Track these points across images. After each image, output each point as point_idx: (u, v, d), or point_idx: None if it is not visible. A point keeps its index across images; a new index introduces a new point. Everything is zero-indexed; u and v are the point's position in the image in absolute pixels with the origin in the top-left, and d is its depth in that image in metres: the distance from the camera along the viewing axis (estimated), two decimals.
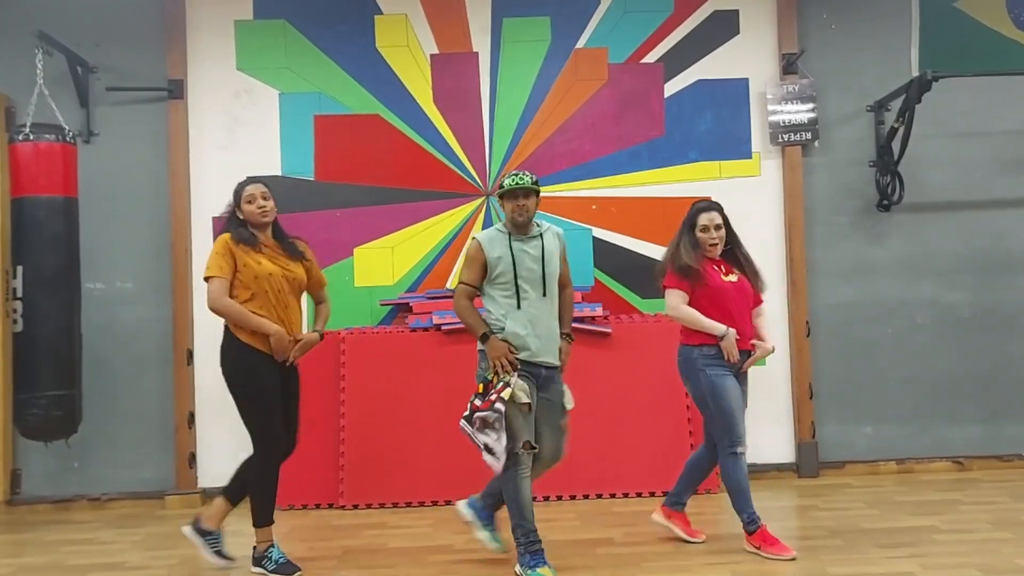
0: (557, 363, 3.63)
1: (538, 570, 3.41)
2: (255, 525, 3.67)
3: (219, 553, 3.73)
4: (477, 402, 3.51)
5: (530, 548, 3.47)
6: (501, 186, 3.63)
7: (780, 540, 3.63)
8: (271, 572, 3.60)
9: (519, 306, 3.57)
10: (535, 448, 3.51)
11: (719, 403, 3.66)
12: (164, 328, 5.17)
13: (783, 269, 5.28)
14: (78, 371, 4.68)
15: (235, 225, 3.70)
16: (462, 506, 3.83)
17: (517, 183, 3.57)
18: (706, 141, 5.36)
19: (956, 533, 3.89)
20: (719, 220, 3.76)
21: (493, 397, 3.45)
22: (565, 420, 3.66)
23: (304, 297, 3.87)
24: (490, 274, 3.61)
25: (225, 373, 3.68)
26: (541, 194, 3.68)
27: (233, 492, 3.76)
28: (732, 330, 3.65)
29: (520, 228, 3.64)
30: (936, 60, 5.28)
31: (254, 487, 3.67)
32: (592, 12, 5.37)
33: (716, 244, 3.76)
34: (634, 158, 5.36)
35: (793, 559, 3.55)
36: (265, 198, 3.69)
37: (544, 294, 3.61)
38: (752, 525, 3.67)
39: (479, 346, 3.62)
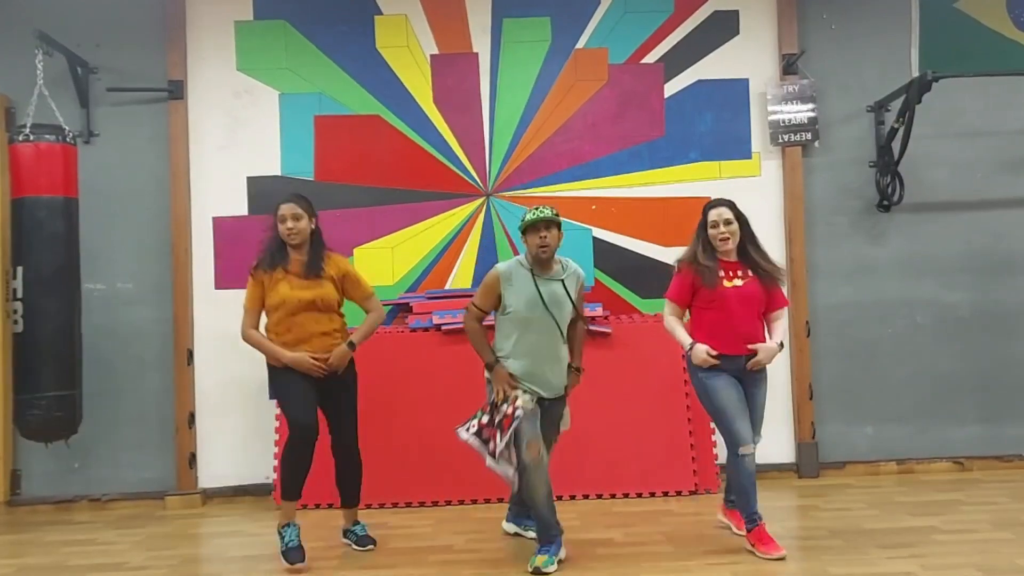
0: (560, 394, 3.75)
1: (536, 557, 3.52)
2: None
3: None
4: (484, 420, 3.63)
5: (544, 539, 3.61)
6: (522, 220, 3.65)
7: (773, 539, 3.63)
8: (281, 552, 3.73)
9: (527, 343, 3.64)
10: (542, 456, 3.62)
11: (711, 403, 3.72)
12: (165, 329, 5.18)
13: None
14: (78, 372, 4.68)
15: (271, 243, 3.86)
16: (507, 525, 4.05)
17: (538, 216, 3.58)
18: (706, 141, 5.36)
19: (956, 533, 3.89)
20: (728, 215, 3.73)
21: (510, 411, 3.55)
22: (555, 438, 3.81)
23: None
24: (503, 308, 3.68)
25: None
26: (544, 195, 3.70)
27: None
28: (700, 345, 3.67)
29: (542, 265, 3.65)
30: (936, 60, 5.28)
31: (282, 459, 3.82)
32: (592, 12, 5.37)
33: (727, 239, 3.71)
34: (634, 158, 5.36)
35: (781, 558, 3.55)
36: (296, 219, 3.79)
37: (554, 335, 3.68)
38: (750, 524, 3.68)
39: (487, 373, 3.74)
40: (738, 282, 3.74)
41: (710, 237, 3.76)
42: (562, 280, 3.69)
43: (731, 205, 3.79)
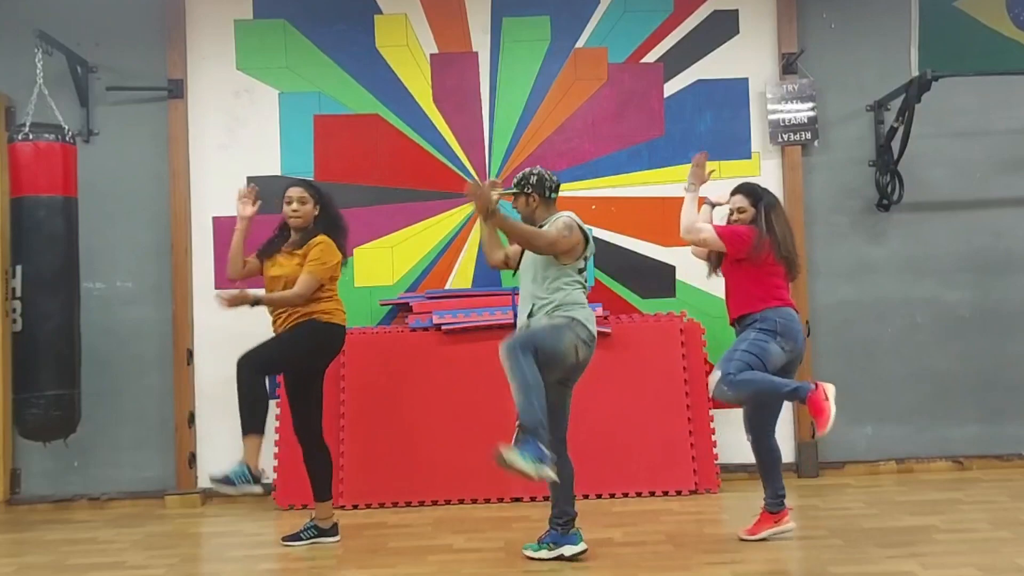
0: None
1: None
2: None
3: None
4: None
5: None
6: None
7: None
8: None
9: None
10: None
11: None
12: (164, 328, 5.17)
13: None
14: (77, 371, 4.67)
15: (282, 226, 4.08)
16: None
17: (506, 190, 3.73)
18: (706, 141, 5.34)
19: (956, 533, 3.89)
20: (741, 203, 3.85)
21: None
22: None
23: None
24: None
25: None
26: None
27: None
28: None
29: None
30: (936, 60, 5.27)
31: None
32: (592, 12, 5.37)
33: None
34: (634, 158, 5.36)
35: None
36: (303, 202, 3.97)
37: (525, 273, 3.73)
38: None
39: None
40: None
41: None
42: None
43: (748, 191, 3.88)
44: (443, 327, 4.93)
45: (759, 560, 3.58)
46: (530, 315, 3.63)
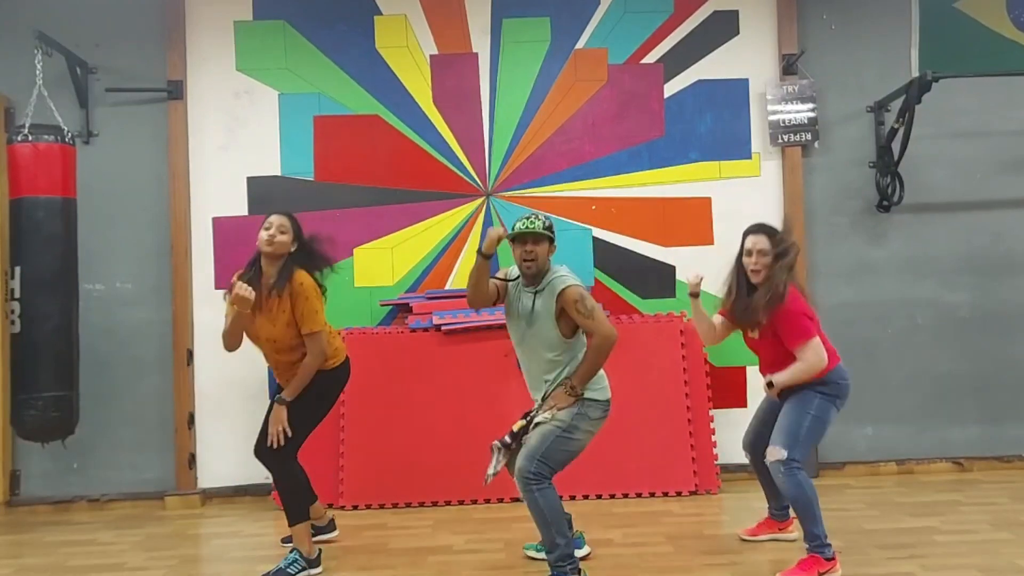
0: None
1: None
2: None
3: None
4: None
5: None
6: (512, 228, 3.43)
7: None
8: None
9: (520, 358, 3.60)
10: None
11: None
12: (164, 329, 5.17)
13: None
14: (76, 372, 4.67)
15: (253, 261, 3.68)
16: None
17: (527, 227, 3.36)
18: (706, 141, 5.36)
19: (956, 534, 3.89)
20: (763, 245, 3.46)
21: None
22: (531, 436, 3.42)
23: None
24: None
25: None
26: (544, 195, 3.63)
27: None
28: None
29: (528, 280, 3.45)
30: (936, 60, 5.28)
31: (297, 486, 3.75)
32: (592, 12, 5.37)
33: (758, 271, 3.47)
34: (634, 158, 5.36)
35: None
36: (283, 231, 3.61)
37: (533, 354, 3.49)
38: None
39: None
40: (754, 335, 3.59)
41: (744, 265, 3.53)
42: (534, 292, 3.43)
43: (771, 234, 3.49)
44: (443, 327, 4.92)
45: (759, 562, 3.58)
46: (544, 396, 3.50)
